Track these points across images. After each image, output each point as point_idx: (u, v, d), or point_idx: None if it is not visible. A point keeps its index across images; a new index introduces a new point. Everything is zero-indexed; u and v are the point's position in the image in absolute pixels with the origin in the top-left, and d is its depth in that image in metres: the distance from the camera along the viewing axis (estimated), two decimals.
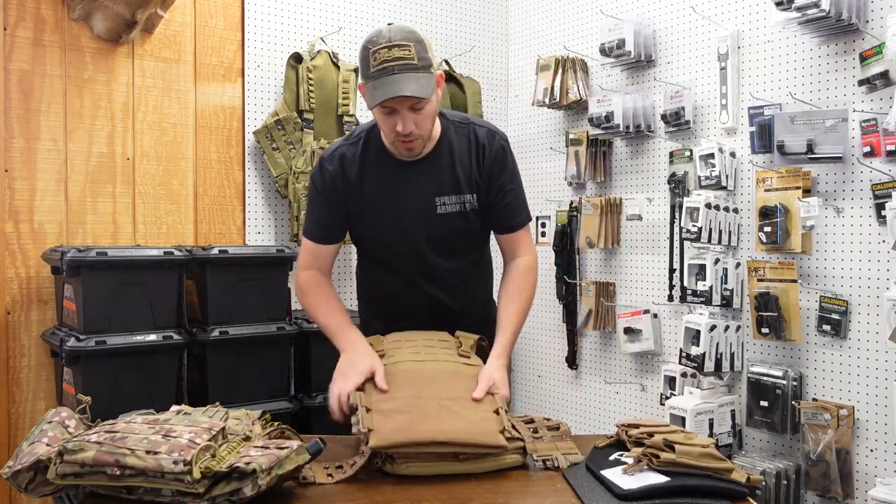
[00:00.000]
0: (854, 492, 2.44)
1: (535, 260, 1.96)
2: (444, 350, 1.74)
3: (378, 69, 1.65)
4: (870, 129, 2.35)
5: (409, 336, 1.78)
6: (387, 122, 1.73)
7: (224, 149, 3.13)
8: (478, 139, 1.87)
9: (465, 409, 1.54)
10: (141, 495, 1.29)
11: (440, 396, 1.55)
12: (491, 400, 1.60)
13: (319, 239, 1.92)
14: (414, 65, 1.65)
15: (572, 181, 3.42)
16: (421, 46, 1.67)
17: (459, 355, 1.73)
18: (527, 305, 1.91)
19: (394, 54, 1.64)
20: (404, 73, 1.65)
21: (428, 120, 1.75)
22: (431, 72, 1.70)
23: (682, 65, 3.04)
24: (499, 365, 1.73)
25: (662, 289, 3.09)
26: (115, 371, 2.46)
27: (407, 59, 1.65)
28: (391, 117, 1.71)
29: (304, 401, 2.87)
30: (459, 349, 1.76)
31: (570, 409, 3.56)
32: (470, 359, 1.74)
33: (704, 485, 1.35)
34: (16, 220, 2.71)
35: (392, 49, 1.64)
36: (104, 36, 2.85)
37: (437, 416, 1.50)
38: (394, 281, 1.93)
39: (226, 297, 2.70)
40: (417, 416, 1.49)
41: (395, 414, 1.49)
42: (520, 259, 1.94)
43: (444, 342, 1.78)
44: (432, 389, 1.57)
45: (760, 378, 2.64)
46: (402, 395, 1.55)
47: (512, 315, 1.86)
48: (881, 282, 2.40)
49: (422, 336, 1.78)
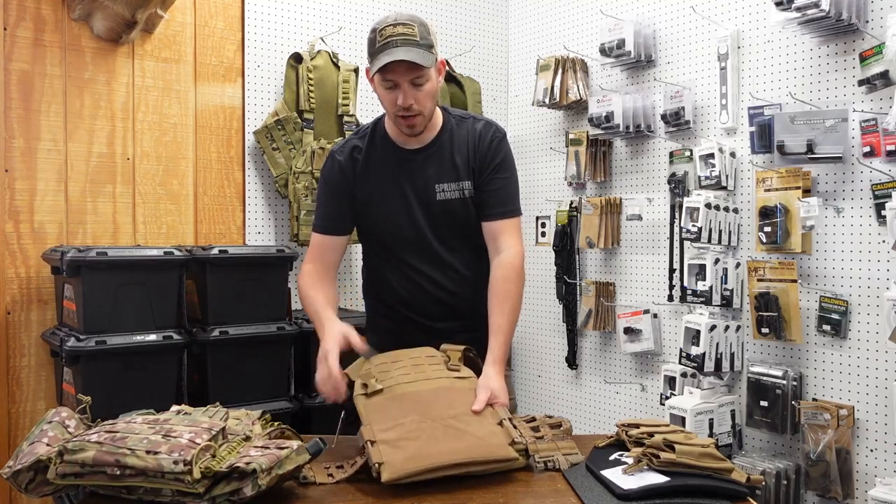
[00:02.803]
0: (854, 492, 2.44)
1: (521, 255, 1.89)
2: (432, 367, 1.69)
3: (382, 43, 1.75)
4: (870, 129, 2.35)
5: (395, 356, 1.73)
6: (388, 96, 1.81)
7: (224, 149, 3.13)
8: (476, 129, 1.95)
9: (471, 426, 1.52)
10: (141, 495, 1.29)
11: (443, 416, 1.53)
12: (493, 412, 1.58)
13: (325, 229, 1.96)
14: (416, 40, 1.75)
15: (572, 181, 3.42)
16: (424, 29, 1.78)
17: (449, 370, 1.70)
18: (516, 304, 1.86)
19: (398, 30, 1.75)
20: (406, 45, 1.74)
21: (428, 98, 1.82)
22: (432, 52, 1.79)
23: (682, 65, 3.04)
24: (494, 373, 1.70)
25: (662, 289, 3.09)
26: (115, 371, 2.46)
27: (410, 34, 1.75)
28: (393, 92, 1.80)
29: (304, 401, 2.87)
30: (448, 364, 1.72)
31: (570, 409, 3.56)
32: (461, 371, 1.70)
33: (704, 485, 1.35)
34: (16, 220, 2.71)
35: (397, 26, 1.76)
36: (104, 36, 2.85)
37: (444, 438, 1.48)
38: (399, 270, 1.95)
39: (226, 297, 2.70)
40: (425, 440, 1.47)
41: (403, 442, 1.47)
42: (504, 254, 1.87)
43: (431, 358, 1.73)
44: (433, 410, 1.55)
45: (760, 378, 2.64)
46: (404, 422, 1.52)
47: (503, 318, 1.82)
48: (881, 282, 2.40)
49: (407, 355, 1.73)
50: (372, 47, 1.78)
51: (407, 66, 1.75)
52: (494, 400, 1.62)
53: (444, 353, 1.75)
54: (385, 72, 1.76)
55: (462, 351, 1.76)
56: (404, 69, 1.75)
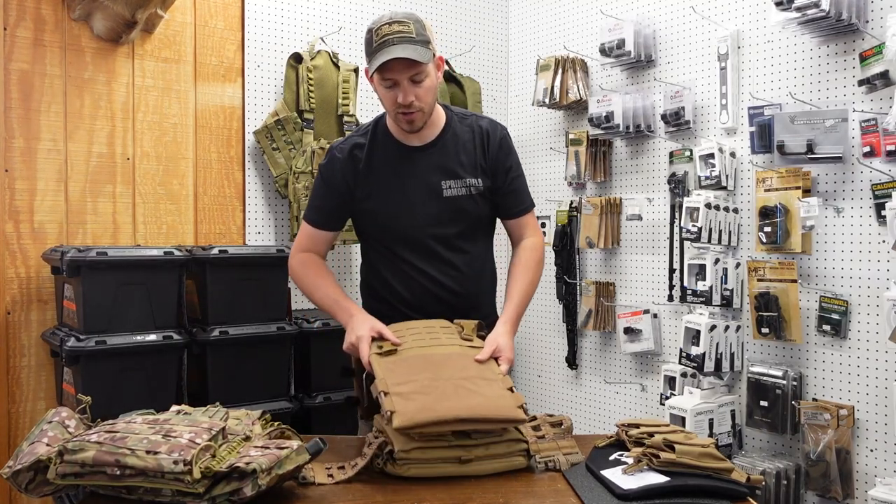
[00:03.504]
0: (854, 492, 2.44)
1: (542, 240, 2.06)
2: (446, 335, 1.75)
3: (379, 42, 1.77)
4: (870, 129, 2.35)
5: (411, 325, 1.80)
6: (388, 95, 1.83)
7: (224, 149, 3.13)
8: (481, 128, 1.98)
9: (481, 388, 1.55)
10: (141, 495, 1.29)
11: (455, 377, 1.56)
12: (504, 379, 1.61)
13: (318, 224, 1.99)
14: (412, 37, 1.76)
15: (572, 181, 3.42)
16: (420, 26, 1.79)
17: (462, 339, 1.75)
18: (535, 277, 1.98)
19: (393, 28, 1.76)
20: (403, 43, 1.75)
21: (428, 93, 1.84)
22: (429, 48, 1.80)
23: (682, 65, 3.04)
24: (504, 331, 1.80)
25: (662, 289, 3.09)
26: (115, 371, 2.46)
27: (406, 32, 1.76)
28: (393, 90, 1.81)
29: (304, 401, 2.87)
30: (461, 333, 1.78)
31: (571, 409, 3.56)
32: (473, 341, 1.75)
33: (704, 485, 1.35)
34: (16, 220, 2.71)
35: (392, 25, 1.77)
36: (104, 36, 2.85)
37: (455, 395, 1.51)
38: (400, 268, 1.96)
39: (226, 297, 2.70)
40: (437, 396, 1.50)
41: (415, 395, 1.50)
42: (527, 240, 2.03)
43: (445, 328, 1.80)
44: (446, 371, 1.58)
45: (760, 378, 2.64)
46: (417, 378, 1.55)
47: (521, 285, 1.93)
48: (881, 282, 2.40)
49: (422, 324, 1.80)
50: (369, 47, 1.80)
51: (405, 64, 1.76)
52: (498, 354, 1.69)
53: (458, 324, 1.82)
54: (384, 70, 1.77)
55: (476, 324, 1.83)
56: (403, 66, 1.76)
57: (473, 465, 1.48)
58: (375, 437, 1.52)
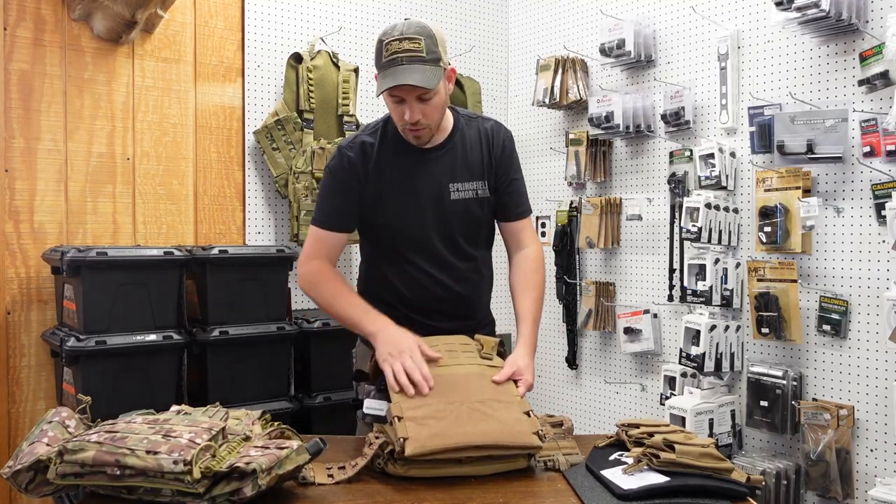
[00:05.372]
0: (854, 492, 2.44)
1: (541, 250, 2.03)
2: (465, 354, 1.73)
3: (388, 59, 1.74)
4: (870, 129, 2.35)
5: (431, 341, 1.75)
6: (396, 110, 1.82)
7: (224, 149, 3.13)
8: (486, 129, 1.98)
9: (497, 411, 1.53)
10: (141, 495, 1.28)
11: (470, 400, 1.55)
12: (522, 403, 1.59)
13: (329, 225, 1.92)
14: (422, 57, 1.73)
15: (572, 181, 3.42)
16: (431, 41, 1.75)
17: (482, 357, 1.73)
18: (541, 293, 1.97)
19: (404, 46, 1.73)
20: (412, 64, 1.72)
21: (435, 111, 1.82)
22: (440, 66, 1.78)
23: (682, 65, 3.04)
24: (524, 353, 1.78)
25: (662, 289, 3.09)
26: (115, 371, 2.46)
27: (416, 51, 1.73)
28: (400, 106, 1.79)
29: (304, 401, 2.87)
30: (481, 352, 1.75)
31: (570, 409, 3.56)
32: (493, 360, 1.73)
33: (704, 485, 1.35)
34: (16, 220, 2.71)
35: (402, 42, 1.73)
36: (104, 36, 2.85)
37: (469, 420, 1.49)
38: (403, 269, 1.94)
39: (226, 297, 2.70)
40: (451, 421, 1.48)
41: (429, 420, 1.49)
42: (527, 249, 2.00)
43: (465, 345, 1.77)
44: (462, 394, 1.56)
45: (760, 378, 2.64)
46: (432, 402, 1.54)
47: (530, 304, 1.92)
48: (881, 282, 2.40)
49: (442, 341, 1.77)
50: (378, 60, 1.77)
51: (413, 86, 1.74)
52: (518, 376, 1.67)
53: (478, 342, 1.79)
54: (392, 88, 1.75)
55: (496, 342, 1.80)
56: (410, 87, 1.74)
57: (474, 465, 1.47)
58: (376, 436, 1.52)
